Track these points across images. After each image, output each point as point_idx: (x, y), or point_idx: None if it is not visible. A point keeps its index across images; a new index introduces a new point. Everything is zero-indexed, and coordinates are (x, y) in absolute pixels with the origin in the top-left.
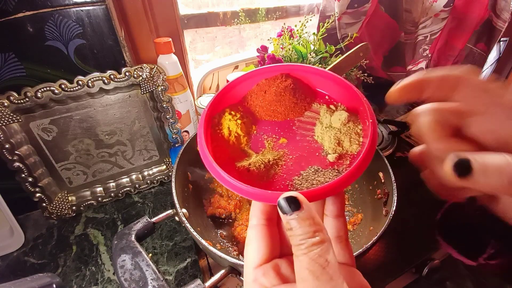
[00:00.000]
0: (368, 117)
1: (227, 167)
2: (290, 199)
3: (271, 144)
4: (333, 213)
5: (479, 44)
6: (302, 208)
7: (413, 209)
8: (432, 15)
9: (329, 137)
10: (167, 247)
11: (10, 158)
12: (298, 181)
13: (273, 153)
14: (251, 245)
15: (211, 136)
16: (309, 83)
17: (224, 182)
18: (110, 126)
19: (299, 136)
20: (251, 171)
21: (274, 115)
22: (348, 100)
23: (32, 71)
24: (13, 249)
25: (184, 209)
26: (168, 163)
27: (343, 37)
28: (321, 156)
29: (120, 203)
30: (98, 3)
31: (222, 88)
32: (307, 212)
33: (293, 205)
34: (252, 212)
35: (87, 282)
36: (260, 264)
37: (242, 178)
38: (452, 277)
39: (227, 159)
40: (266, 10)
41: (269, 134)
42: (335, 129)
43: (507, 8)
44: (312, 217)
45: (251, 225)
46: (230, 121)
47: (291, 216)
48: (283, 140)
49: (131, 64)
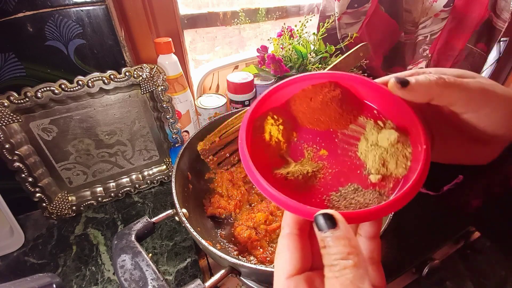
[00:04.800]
0: (421, 142)
1: (264, 173)
2: (327, 216)
3: (310, 154)
4: (368, 233)
5: (479, 44)
6: (338, 227)
7: (413, 209)
8: (432, 15)
9: (373, 156)
10: (167, 247)
11: (10, 158)
12: (336, 197)
13: (313, 164)
14: (283, 254)
15: (252, 139)
16: (358, 94)
17: (263, 190)
18: (110, 126)
19: (340, 149)
20: (289, 180)
21: (317, 124)
22: (398, 118)
23: (32, 71)
24: (13, 249)
25: (184, 209)
26: (168, 163)
27: (343, 37)
28: (362, 175)
29: (120, 203)
30: (98, 3)
31: (267, 91)
32: (343, 231)
33: (329, 222)
34: (285, 221)
35: (87, 282)
36: (292, 274)
37: (279, 186)
38: (452, 277)
39: (265, 164)
40: (266, 10)
41: (309, 143)
42: (382, 148)
43: (507, 8)
44: (348, 238)
45: (284, 234)
46: (272, 126)
47: (326, 233)
48: (324, 152)
49: (131, 64)
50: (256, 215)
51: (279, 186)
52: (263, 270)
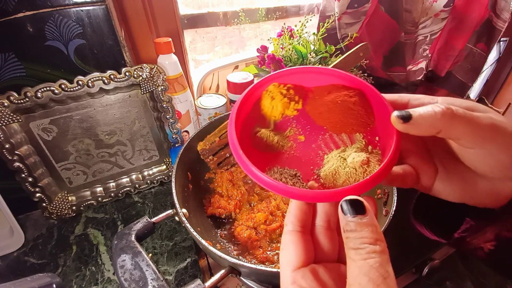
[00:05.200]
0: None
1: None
2: (355, 202)
3: (291, 132)
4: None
5: (479, 44)
6: (367, 213)
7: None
8: (432, 15)
9: (332, 165)
10: (167, 247)
11: (10, 158)
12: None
13: (283, 140)
14: (287, 249)
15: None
16: (376, 113)
17: (260, 180)
18: (110, 126)
19: (315, 145)
20: (257, 137)
21: (316, 116)
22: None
23: (32, 71)
24: (13, 249)
25: (184, 209)
26: (168, 163)
27: (343, 37)
28: (311, 172)
29: (120, 203)
30: (98, 3)
31: (298, 68)
32: (371, 218)
33: (356, 208)
34: (288, 218)
35: (87, 282)
36: (298, 267)
37: (249, 139)
38: (452, 277)
39: (253, 121)
40: (266, 10)
41: (298, 125)
42: (345, 163)
43: (507, 8)
44: (375, 225)
45: (287, 231)
46: (279, 94)
47: (354, 218)
48: (301, 138)
49: (131, 64)
50: (256, 215)
51: (249, 139)
52: (263, 270)
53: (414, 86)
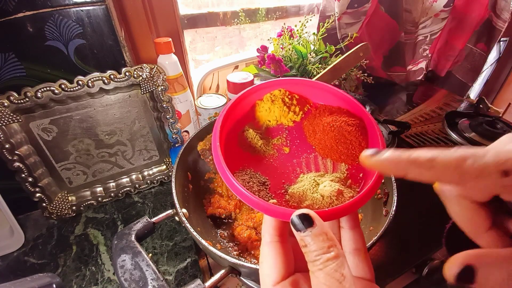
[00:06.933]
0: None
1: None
2: (303, 216)
3: (278, 141)
4: (348, 224)
5: (479, 44)
6: (315, 224)
7: (413, 209)
8: (432, 15)
9: (302, 186)
10: (167, 247)
11: (10, 158)
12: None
13: (268, 146)
14: (266, 262)
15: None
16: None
17: (232, 187)
18: (110, 126)
19: (297, 161)
20: (243, 135)
21: (309, 133)
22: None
23: (32, 71)
24: (13, 249)
25: (184, 209)
26: (168, 163)
27: (343, 37)
28: (281, 186)
29: (120, 203)
30: (98, 3)
31: (314, 82)
32: (319, 228)
33: (306, 222)
34: (264, 229)
35: (87, 282)
36: (277, 281)
37: (235, 135)
38: None
39: (248, 119)
40: (266, 10)
41: (288, 136)
42: (315, 189)
43: (507, 8)
44: (325, 232)
45: (265, 242)
46: (280, 108)
47: (305, 233)
48: (286, 149)
49: (131, 64)
50: (256, 215)
51: (237, 135)
52: None
53: (414, 86)
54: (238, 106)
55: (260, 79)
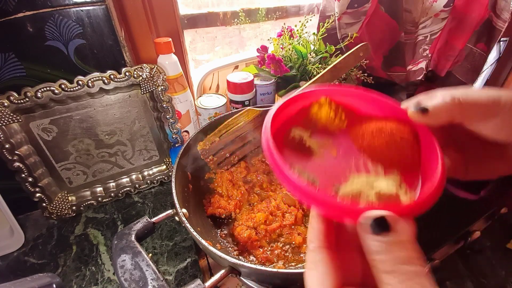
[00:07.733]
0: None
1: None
2: (381, 218)
3: (326, 143)
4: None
5: (479, 44)
6: (397, 228)
7: None
8: (432, 15)
9: (356, 186)
10: (167, 247)
11: (10, 158)
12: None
13: (315, 147)
14: (316, 269)
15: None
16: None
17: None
18: (110, 126)
19: (345, 164)
20: (290, 136)
21: (356, 140)
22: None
23: (32, 71)
24: (13, 249)
25: (184, 209)
26: (168, 163)
27: (343, 37)
28: (330, 185)
29: (120, 203)
30: (98, 3)
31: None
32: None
33: (383, 225)
34: (311, 235)
35: (87, 282)
36: None
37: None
38: (452, 277)
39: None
40: (266, 10)
41: (335, 142)
42: (371, 191)
43: (507, 8)
44: (409, 241)
45: (312, 248)
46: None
47: (384, 237)
48: (333, 152)
49: (131, 64)
50: (256, 215)
51: (282, 137)
52: (263, 270)
53: (414, 86)
54: (284, 111)
55: (260, 79)
